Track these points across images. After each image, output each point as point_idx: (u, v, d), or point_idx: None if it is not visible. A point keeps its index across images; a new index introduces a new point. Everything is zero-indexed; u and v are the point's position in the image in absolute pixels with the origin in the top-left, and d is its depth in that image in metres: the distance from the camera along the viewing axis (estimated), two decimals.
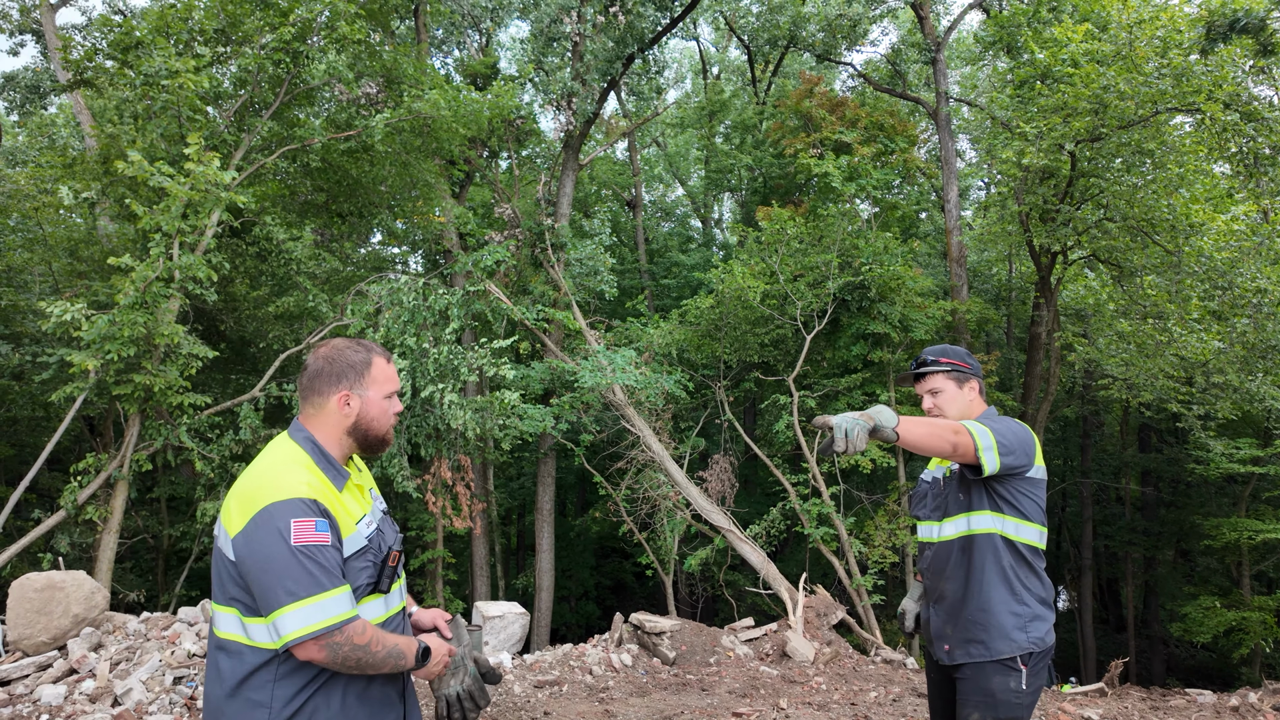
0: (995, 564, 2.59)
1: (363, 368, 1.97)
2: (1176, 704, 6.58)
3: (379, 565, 1.91)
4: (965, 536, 2.64)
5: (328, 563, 1.75)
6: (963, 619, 2.62)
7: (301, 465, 1.88)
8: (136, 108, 8.35)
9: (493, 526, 16.96)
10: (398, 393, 2.06)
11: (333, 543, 1.78)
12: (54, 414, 10.48)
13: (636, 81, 15.80)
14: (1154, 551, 19.84)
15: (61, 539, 7.31)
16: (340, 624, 1.72)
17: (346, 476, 1.96)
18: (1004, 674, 2.55)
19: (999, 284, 21.70)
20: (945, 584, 2.68)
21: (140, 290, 6.90)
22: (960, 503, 2.64)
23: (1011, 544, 2.60)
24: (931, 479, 2.88)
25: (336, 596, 1.73)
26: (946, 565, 2.68)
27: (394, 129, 9.87)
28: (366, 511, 1.96)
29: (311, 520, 1.75)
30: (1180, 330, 10.52)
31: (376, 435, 2.00)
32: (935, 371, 2.71)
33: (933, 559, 2.74)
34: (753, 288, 12.76)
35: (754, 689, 6.52)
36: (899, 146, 15.57)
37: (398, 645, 1.84)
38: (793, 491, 12.48)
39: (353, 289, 10.49)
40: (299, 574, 1.71)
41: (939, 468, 2.85)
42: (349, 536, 1.85)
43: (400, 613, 2.05)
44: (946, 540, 2.68)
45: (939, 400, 2.72)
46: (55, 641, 5.04)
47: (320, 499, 1.81)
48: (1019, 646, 2.57)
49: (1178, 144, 10.54)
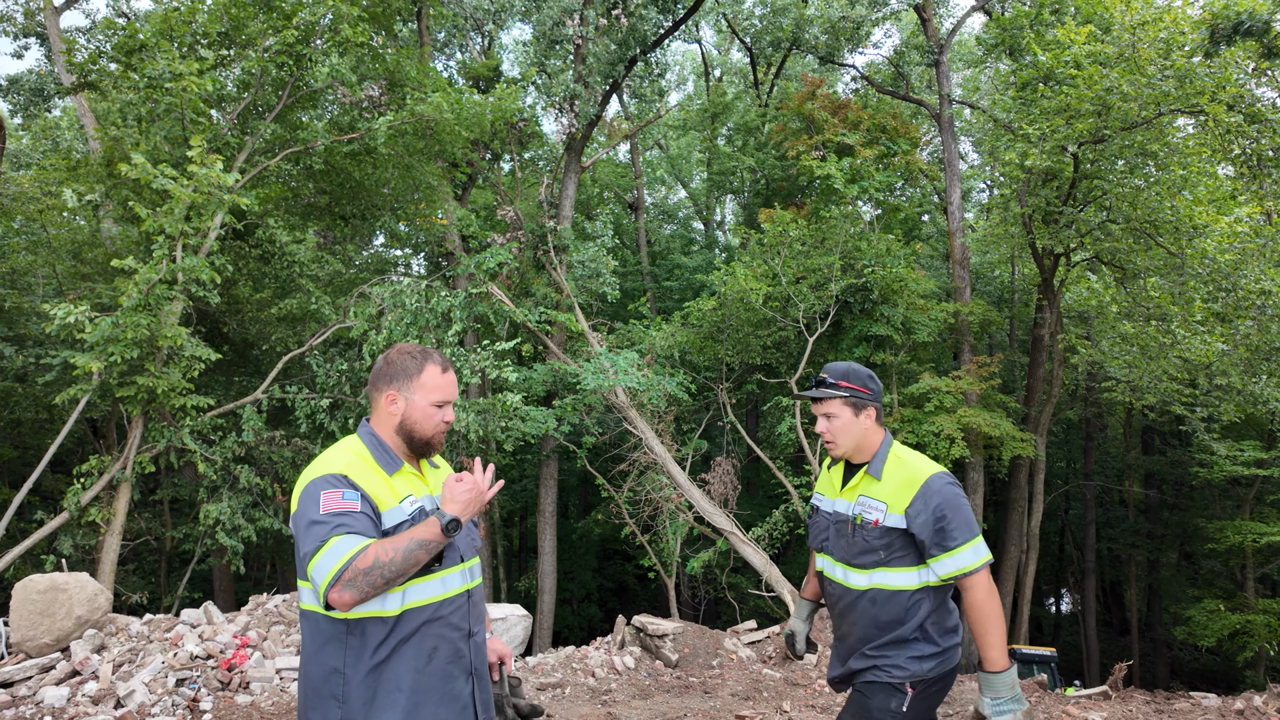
0: (918, 612, 2.44)
1: (414, 372, 2.11)
2: (1181, 707, 6.55)
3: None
4: (879, 590, 2.46)
5: (348, 520, 1.86)
6: (865, 654, 2.51)
7: (349, 449, 2.05)
8: (140, 110, 8.37)
9: (495, 528, 16.96)
10: (452, 404, 2.17)
11: (362, 509, 1.89)
12: (57, 416, 10.51)
13: (639, 84, 15.82)
14: (1157, 554, 19.79)
15: (64, 541, 7.32)
16: (347, 562, 1.80)
17: (399, 464, 2.08)
18: (887, 694, 2.46)
19: (1002, 286, 21.68)
20: (854, 628, 2.52)
21: (143, 292, 6.91)
22: (877, 559, 2.45)
23: (929, 589, 2.46)
24: (832, 513, 2.62)
25: (342, 539, 1.83)
26: (853, 613, 2.52)
27: (397, 131, 9.88)
28: (420, 495, 2.07)
29: (339, 490, 1.90)
30: (1184, 332, 10.50)
31: (421, 438, 2.12)
32: (834, 396, 2.54)
33: (839, 602, 2.57)
34: (755, 290, 12.76)
35: (757, 691, 6.51)
36: (901, 149, 15.56)
37: (411, 538, 1.87)
38: (795, 493, 12.47)
39: (355, 291, 10.50)
40: (319, 534, 1.85)
41: (842, 503, 2.59)
42: (389, 510, 1.97)
43: (464, 596, 2.10)
44: (855, 589, 2.50)
45: (833, 426, 2.55)
46: (58, 643, 5.04)
47: (352, 474, 1.95)
48: (912, 674, 2.45)
49: (1181, 146, 10.53)
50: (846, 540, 2.51)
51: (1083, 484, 20.72)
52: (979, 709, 2.33)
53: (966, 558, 2.36)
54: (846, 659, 2.59)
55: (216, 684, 4.85)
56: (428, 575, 2.00)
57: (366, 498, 1.93)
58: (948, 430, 12.31)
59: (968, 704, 6.45)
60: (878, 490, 2.49)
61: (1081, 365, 13.18)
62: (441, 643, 2.02)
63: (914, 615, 2.42)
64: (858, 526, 2.49)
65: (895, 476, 2.49)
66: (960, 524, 2.37)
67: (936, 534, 2.37)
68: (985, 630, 2.33)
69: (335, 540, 1.83)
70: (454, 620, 2.06)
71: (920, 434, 12.83)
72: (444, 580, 2.04)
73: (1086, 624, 19.92)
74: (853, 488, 2.56)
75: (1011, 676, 2.32)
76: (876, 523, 2.45)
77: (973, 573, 2.36)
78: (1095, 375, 15.90)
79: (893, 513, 2.42)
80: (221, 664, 5.00)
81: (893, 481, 2.48)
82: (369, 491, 1.95)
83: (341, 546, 1.82)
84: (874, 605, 2.45)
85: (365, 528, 1.88)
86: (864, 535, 2.46)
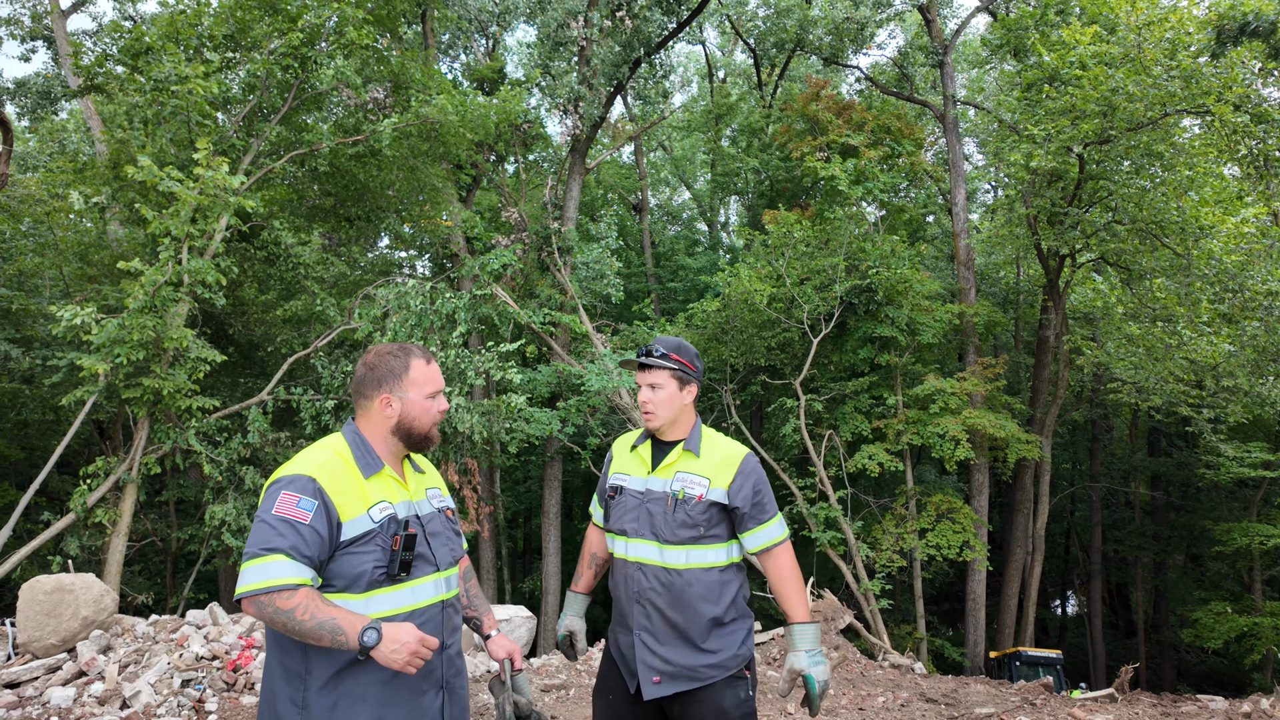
0: (728, 590, 2.49)
1: (401, 371, 2.09)
2: (1188, 710, 6.52)
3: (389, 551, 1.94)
4: (695, 568, 2.46)
5: (292, 534, 1.82)
6: (690, 646, 2.44)
7: (330, 448, 2.01)
8: (146, 113, 8.40)
9: (499, 530, 16.98)
10: (442, 391, 2.15)
11: (313, 523, 1.84)
12: (64, 417, 10.55)
13: (643, 85, 15.83)
14: (1164, 556, 19.71)
15: (71, 542, 7.33)
16: (271, 588, 1.77)
17: (379, 466, 2.05)
18: (734, 686, 2.46)
19: (1007, 287, 21.62)
20: (675, 614, 2.43)
21: (149, 294, 6.94)
22: (697, 534, 2.46)
23: (734, 565, 2.54)
24: (644, 491, 2.54)
25: (280, 561, 1.79)
26: (667, 594, 2.44)
27: (401, 134, 9.89)
28: (394, 501, 2.02)
29: (297, 496, 1.86)
30: (1190, 333, 10.46)
31: (420, 433, 2.11)
32: (664, 367, 2.53)
33: (649, 586, 2.47)
34: (759, 291, 12.75)
35: (761, 693, 6.50)
36: (906, 150, 15.54)
37: (335, 620, 1.78)
38: (800, 495, 12.45)
39: (360, 293, 10.52)
40: (264, 536, 1.81)
41: (656, 480, 2.54)
42: (353, 519, 1.92)
43: (436, 607, 2.04)
44: (683, 568, 2.45)
45: (657, 397, 2.52)
46: (64, 644, 5.06)
47: (321, 477, 1.90)
48: (743, 659, 2.49)
49: (1187, 146, 10.49)
50: (664, 517, 2.47)
51: (1088, 486, 20.64)
52: (794, 665, 2.42)
53: (776, 530, 2.51)
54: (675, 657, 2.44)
55: (222, 685, 4.86)
56: (395, 585, 1.95)
57: (327, 507, 1.88)
58: (953, 432, 12.28)
59: (972, 706, 6.43)
60: (698, 466, 2.52)
61: (1087, 367, 13.14)
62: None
63: (725, 594, 2.48)
64: (679, 502, 2.47)
65: (714, 454, 2.54)
66: (770, 499, 2.54)
67: (754, 508, 2.48)
68: (795, 591, 2.50)
69: (277, 560, 1.79)
70: (425, 632, 1.97)
71: (925, 435, 12.80)
72: (414, 590, 2.00)
73: (1092, 626, 19.84)
74: (669, 465, 2.54)
75: (816, 628, 2.48)
76: (700, 497, 2.47)
77: (780, 543, 2.51)
78: (1101, 377, 15.84)
79: (716, 487, 2.47)
80: (227, 665, 5.01)
81: (712, 458, 2.53)
82: (335, 498, 1.90)
83: (278, 570, 1.78)
84: (689, 585, 2.44)
85: (313, 549, 1.83)
86: (685, 510, 2.46)
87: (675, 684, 2.43)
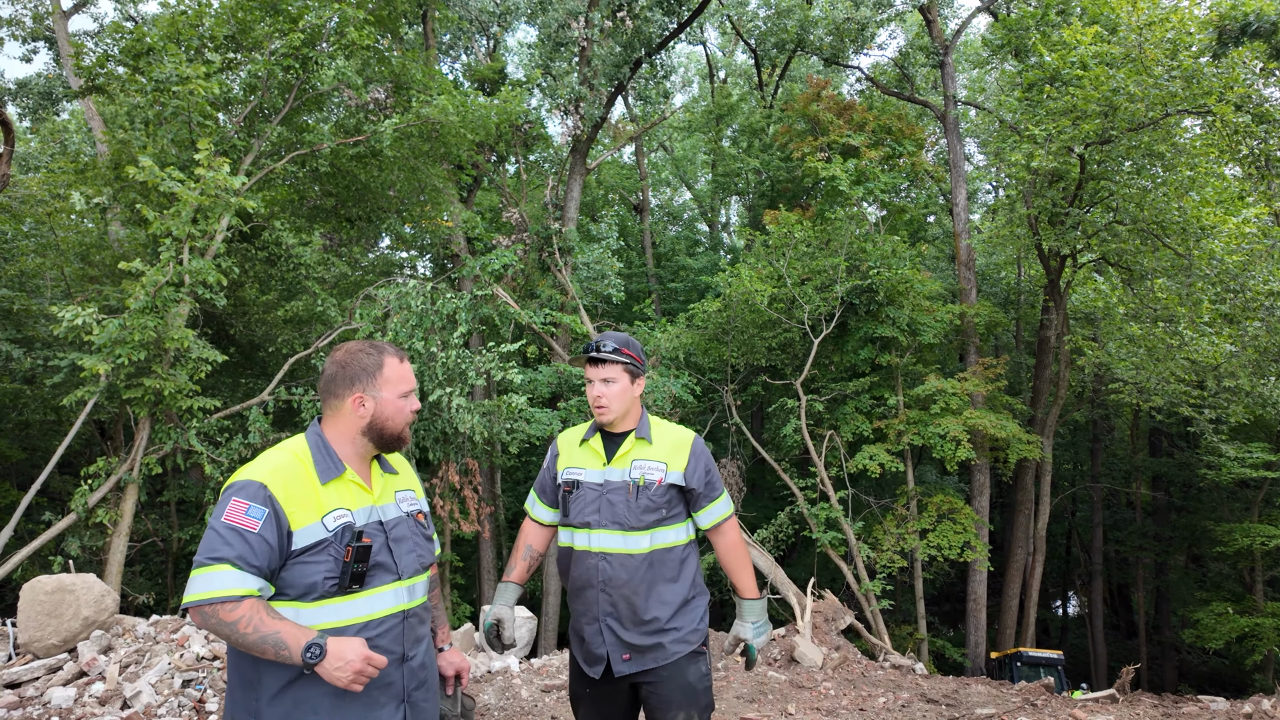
0: (688, 568, 2.63)
1: (374, 369, 2.02)
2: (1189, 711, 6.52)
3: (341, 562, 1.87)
4: (663, 549, 2.58)
5: (239, 543, 1.77)
6: (653, 625, 2.54)
7: (289, 451, 1.94)
8: (148, 114, 8.41)
9: (500, 530, 16.98)
10: (414, 391, 2.10)
11: (262, 531, 1.79)
12: (65, 418, 10.56)
13: (644, 86, 15.84)
14: (1165, 557, 19.70)
15: (72, 542, 7.34)
16: (215, 599, 1.73)
17: (341, 470, 1.97)
18: (696, 661, 2.59)
19: (1008, 287, 21.62)
20: (635, 598, 2.53)
21: (151, 295, 6.94)
22: (659, 517, 2.57)
23: (691, 543, 2.69)
24: (603, 483, 2.61)
25: (226, 572, 1.74)
26: (633, 580, 2.53)
27: (402, 134, 9.90)
28: (354, 507, 1.94)
29: (247, 504, 1.80)
30: (1191, 334, 10.45)
31: (392, 434, 2.04)
32: (617, 361, 2.59)
33: (613, 575, 2.54)
34: (760, 291, 12.75)
35: (762, 694, 6.49)
36: (907, 150, 15.54)
37: (279, 634, 1.73)
38: (800, 495, 12.44)
39: (361, 293, 10.52)
40: (211, 544, 1.77)
41: (614, 471, 2.61)
42: (305, 527, 1.85)
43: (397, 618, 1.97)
44: (646, 551, 2.55)
45: (610, 391, 2.58)
46: (65, 644, 5.06)
47: (273, 483, 1.84)
48: (702, 634, 2.63)
49: (1188, 146, 10.48)
50: (627, 505, 2.56)
51: (1090, 486, 20.63)
52: (739, 634, 2.65)
53: (724, 505, 2.69)
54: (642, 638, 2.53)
55: (222, 685, 4.86)
56: (349, 595, 1.88)
57: (277, 515, 1.82)
58: (954, 432, 12.28)
59: (973, 707, 6.43)
60: (652, 453, 2.62)
61: (1088, 367, 13.13)
62: None
63: (685, 572, 2.62)
64: (641, 489, 2.57)
65: (666, 439, 2.65)
66: (718, 478, 2.72)
67: (707, 487, 2.64)
68: (743, 565, 2.70)
69: (223, 570, 1.74)
70: (383, 644, 1.92)
71: (926, 436, 12.79)
72: (372, 600, 1.92)
73: (1093, 627, 19.83)
74: (624, 454, 2.62)
75: (763, 602, 2.71)
76: (660, 481, 2.58)
77: (729, 518, 2.70)
78: (1102, 377, 15.84)
79: (673, 470, 2.60)
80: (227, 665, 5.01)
81: (665, 444, 2.64)
82: (286, 505, 1.84)
83: (223, 580, 1.74)
84: (653, 567, 2.56)
85: (262, 558, 1.78)
86: (648, 496, 2.57)
87: (643, 660, 2.54)
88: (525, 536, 2.81)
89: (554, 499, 2.73)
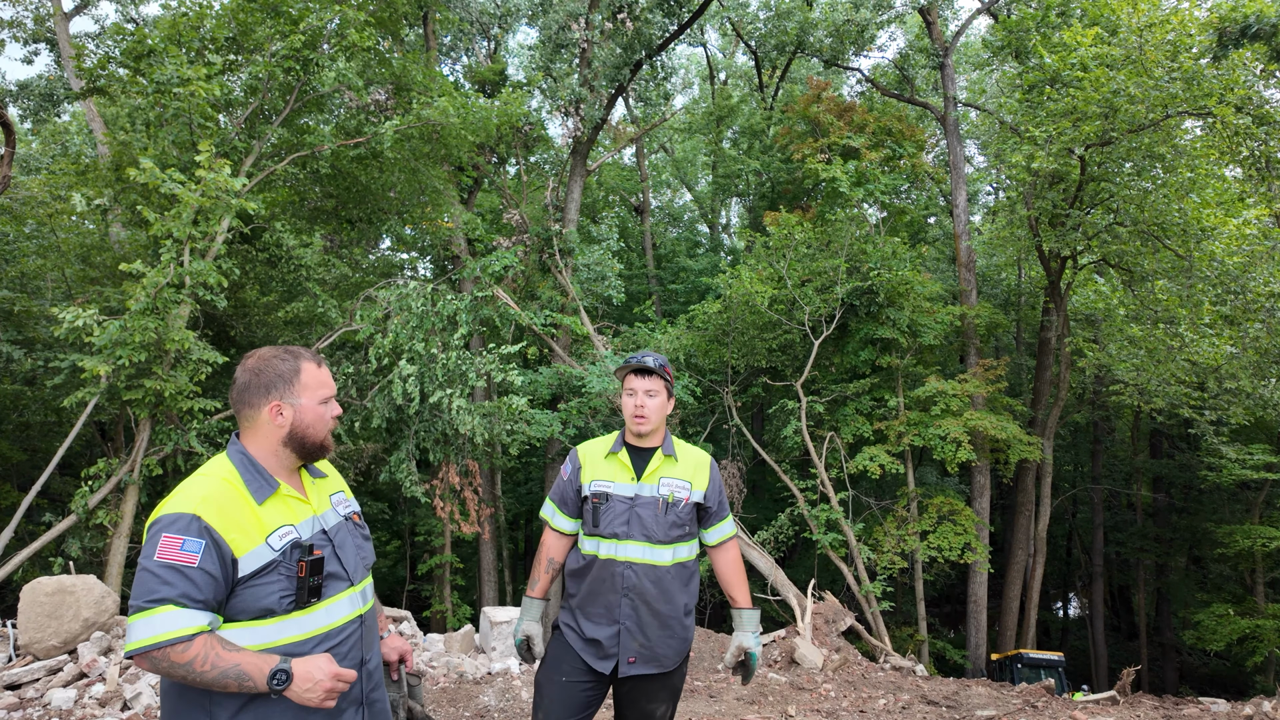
0: (695, 581, 2.82)
1: (291, 376, 1.91)
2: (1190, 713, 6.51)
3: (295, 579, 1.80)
4: (680, 562, 2.76)
5: (180, 580, 1.67)
6: (672, 633, 2.73)
7: (215, 475, 1.83)
8: (149, 115, 8.41)
9: (500, 531, 16.97)
10: (334, 397, 1.99)
11: (202, 564, 1.68)
12: (66, 419, 10.56)
13: (644, 87, 15.85)
14: (1166, 558, 19.67)
15: (72, 543, 7.34)
16: (163, 643, 1.63)
17: (275, 487, 1.88)
18: (682, 667, 2.82)
19: (1008, 289, 21.61)
20: (662, 605, 2.71)
21: (151, 296, 6.95)
22: (683, 533, 2.76)
23: (696, 557, 2.84)
24: (634, 497, 2.74)
25: (170, 613, 1.65)
26: (655, 589, 2.70)
27: (403, 136, 9.91)
28: (296, 521, 1.87)
29: (180, 538, 1.69)
30: (1192, 335, 10.45)
31: (314, 442, 1.94)
32: (660, 376, 2.78)
33: (636, 585, 2.70)
34: (760, 293, 12.75)
35: (762, 696, 6.49)
36: (907, 151, 15.55)
37: (238, 666, 1.66)
38: (801, 497, 12.44)
39: (362, 295, 10.53)
40: (148, 586, 1.66)
41: (646, 487, 2.75)
42: (249, 553, 1.75)
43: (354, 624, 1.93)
44: (669, 564, 2.73)
45: (652, 404, 2.75)
46: (66, 645, 5.06)
47: (206, 512, 1.73)
48: (690, 642, 2.85)
49: (1189, 148, 10.48)
50: (656, 520, 2.72)
51: (1090, 488, 20.61)
52: (743, 644, 2.77)
53: (731, 524, 2.90)
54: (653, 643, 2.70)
55: None
56: (304, 610, 1.81)
57: (216, 545, 1.71)
58: (954, 434, 12.27)
59: (974, 708, 6.43)
60: (679, 471, 2.80)
61: (1089, 368, 13.13)
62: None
63: (692, 584, 2.81)
64: (670, 505, 2.74)
65: (689, 459, 2.85)
66: (725, 496, 2.91)
67: (719, 506, 2.85)
68: (743, 578, 2.89)
69: (166, 611, 1.64)
70: (343, 651, 1.87)
71: (926, 437, 12.79)
72: (329, 610, 1.86)
73: (1094, 628, 19.80)
74: (653, 471, 2.77)
75: (759, 612, 2.86)
76: (687, 500, 2.77)
77: (734, 536, 2.91)
78: (1103, 378, 15.83)
79: (696, 489, 2.79)
80: None
81: (688, 463, 2.83)
82: (225, 532, 1.73)
83: (168, 622, 1.63)
84: (673, 579, 2.74)
85: (207, 592, 1.68)
86: (675, 513, 2.74)
87: (646, 666, 2.71)
88: (547, 549, 2.89)
89: (575, 510, 2.83)
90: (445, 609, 13.96)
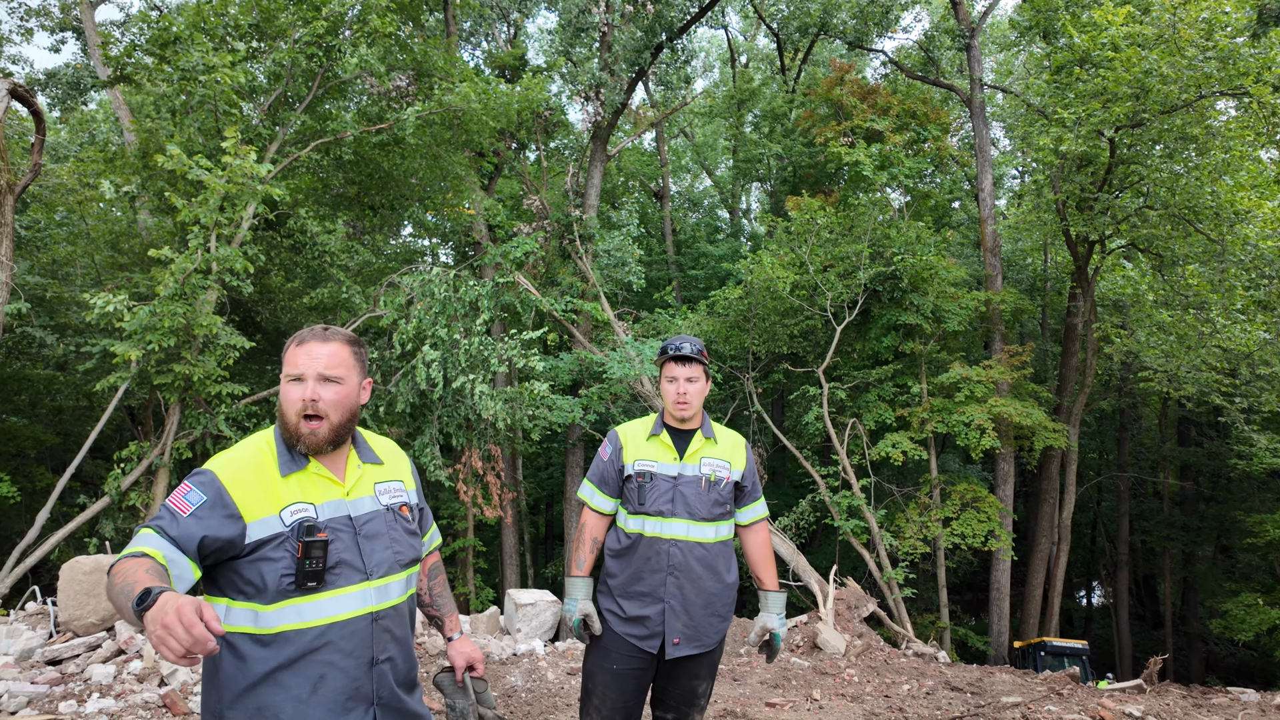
0: (733, 557, 2.92)
1: (284, 354, 1.91)
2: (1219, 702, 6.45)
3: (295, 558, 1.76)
4: (721, 540, 2.86)
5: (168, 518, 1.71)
6: (714, 611, 2.82)
7: (257, 442, 1.88)
8: (174, 102, 8.50)
9: (522, 516, 17.10)
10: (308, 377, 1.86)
11: (195, 513, 1.71)
12: (97, 403, 10.76)
13: (665, 71, 15.72)
14: (1193, 547, 19.40)
15: (106, 524, 7.50)
16: (122, 556, 1.63)
17: (304, 463, 1.86)
18: (722, 644, 2.91)
19: (1034, 274, 21.30)
20: (707, 582, 2.79)
21: (179, 282, 7.04)
22: (724, 510, 2.85)
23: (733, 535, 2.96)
24: (678, 476, 2.82)
25: (141, 535, 1.69)
26: (699, 565, 2.79)
27: (425, 122, 9.93)
28: (317, 501, 1.84)
29: (188, 488, 1.75)
30: (1223, 321, 10.25)
31: (286, 425, 1.86)
32: (700, 362, 2.84)
33: (681, 562, 2.78)
34: (782, 278, 12.66)
35: (785, 680, 6.51)
36: (931, 134, 15.33)
37: (129, 584, 1.51)
38: (822, 483, 12.41)
39: (385, 281, 10.60)
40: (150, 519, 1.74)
41: (689, 466, 2.83)
42: (258, 520, 1.75)
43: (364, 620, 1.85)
44: (712, 541, 2.82)
45: (693, 389, 2.82)
46: (104, 623, 5.18)
47: (224, 473, 1.77)
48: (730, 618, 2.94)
49: (1223, 129, 10.24)
50: (699, 498, 2.81)
51: (1116, 475, 20.36)
52: (767, 624, 2.86)
53: (763, 505, 3.01)
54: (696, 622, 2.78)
55: None
56: (310, 596, 1.77)
57: (223, 503, 1.73)
58: (978, 420, 12.16)
59: (998, 695, 6.40)
60: (718, 451, 2.90)
61: (1116, 355, 12.92)
62: (331, 671, 1.78)
63: (732, 561, 2.91)
64: (712, 484, 2.84)
65: (726, 440, 2.95)
66: (759, 477, 3.02)
67: (753, 486, 2.96)
68: (770, 560, 2.98)
69: (144, 532, 1.69)
70: (347, 647, 1.81)
71: (950, 424, 12.69)
72: (336, 601, 1.80)
73: (1119, 617, 19.62)
74: (695, 452, 2.86)
75: (785, 595, 2.96)
76: (728, 479, 2.87)
77: (765, 517, 3.02)
78: (1130, 365, 15.59)
79: (735, 469, 2.90)
80: None
81: (726, 444, 2.93)
82: (237, 494, 1.75)
83: (139, 540, 1.66)
84: (716, 556, 2.83)
85: (183, 534, 1.68)
86: (718, 491, 2.84)
87: (690, 646, 2.77)
88: (588, 529, 2.94)
89: (615, 490, 2.90)
90: (469, 591, 14.12)
